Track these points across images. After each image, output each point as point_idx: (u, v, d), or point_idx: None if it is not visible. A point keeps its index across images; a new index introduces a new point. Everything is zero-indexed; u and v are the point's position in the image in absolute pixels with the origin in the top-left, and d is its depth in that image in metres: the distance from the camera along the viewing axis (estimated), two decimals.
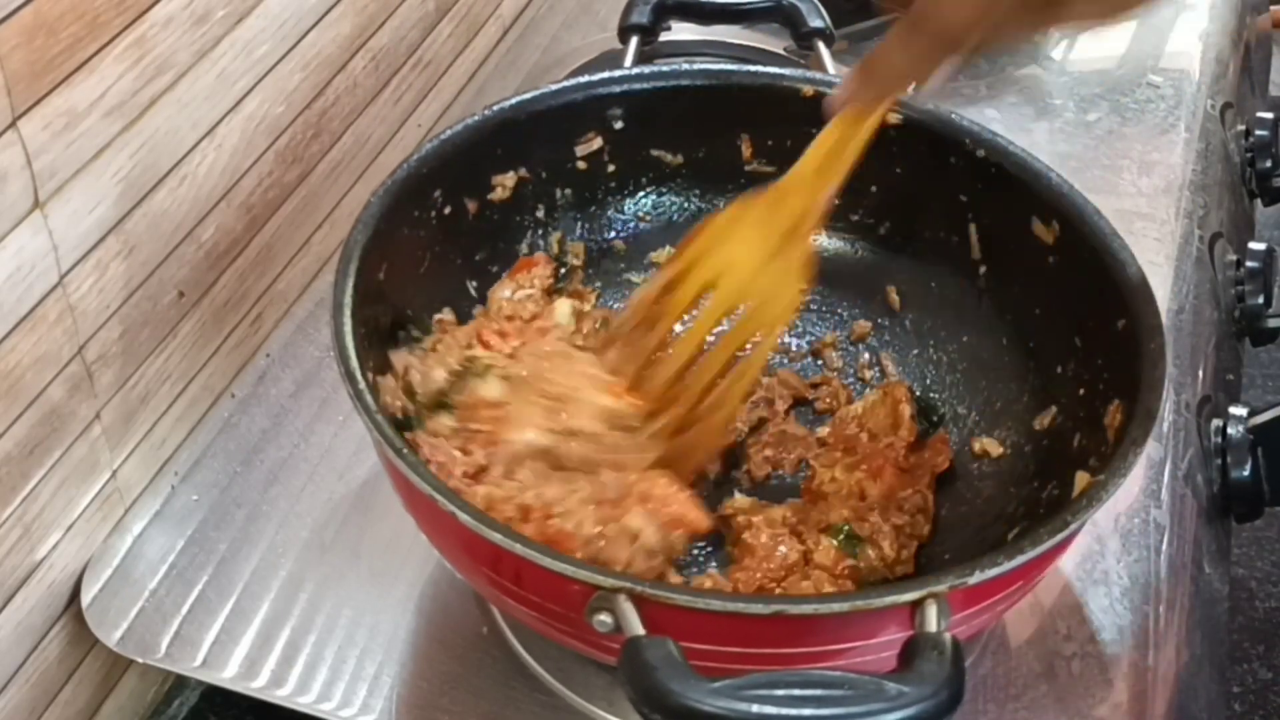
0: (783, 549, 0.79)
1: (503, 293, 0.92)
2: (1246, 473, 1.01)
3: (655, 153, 0.96)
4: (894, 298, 0.94)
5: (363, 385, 0.72)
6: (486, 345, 0.87)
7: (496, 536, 0.66)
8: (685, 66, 0.97)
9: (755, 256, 0.81)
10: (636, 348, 0.84)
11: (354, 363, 0.74)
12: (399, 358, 0.84)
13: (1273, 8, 1.65)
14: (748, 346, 0.83)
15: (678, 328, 0.84)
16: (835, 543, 0.79)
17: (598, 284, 0.96)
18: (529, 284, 0.93)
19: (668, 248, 0.97)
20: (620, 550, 0.76)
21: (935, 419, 0.90)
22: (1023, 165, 0.87)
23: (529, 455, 0.80)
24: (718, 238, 0.83)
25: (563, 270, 0.95)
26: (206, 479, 0.91)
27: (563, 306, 0.93)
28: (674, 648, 0.61)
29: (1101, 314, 0.80)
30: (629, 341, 0.84)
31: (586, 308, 0.94)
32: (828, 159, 0.79)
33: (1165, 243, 1.09)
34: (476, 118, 0.89)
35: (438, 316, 0.89)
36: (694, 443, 0.83)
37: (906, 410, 0.88)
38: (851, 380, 0.94)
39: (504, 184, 0.91)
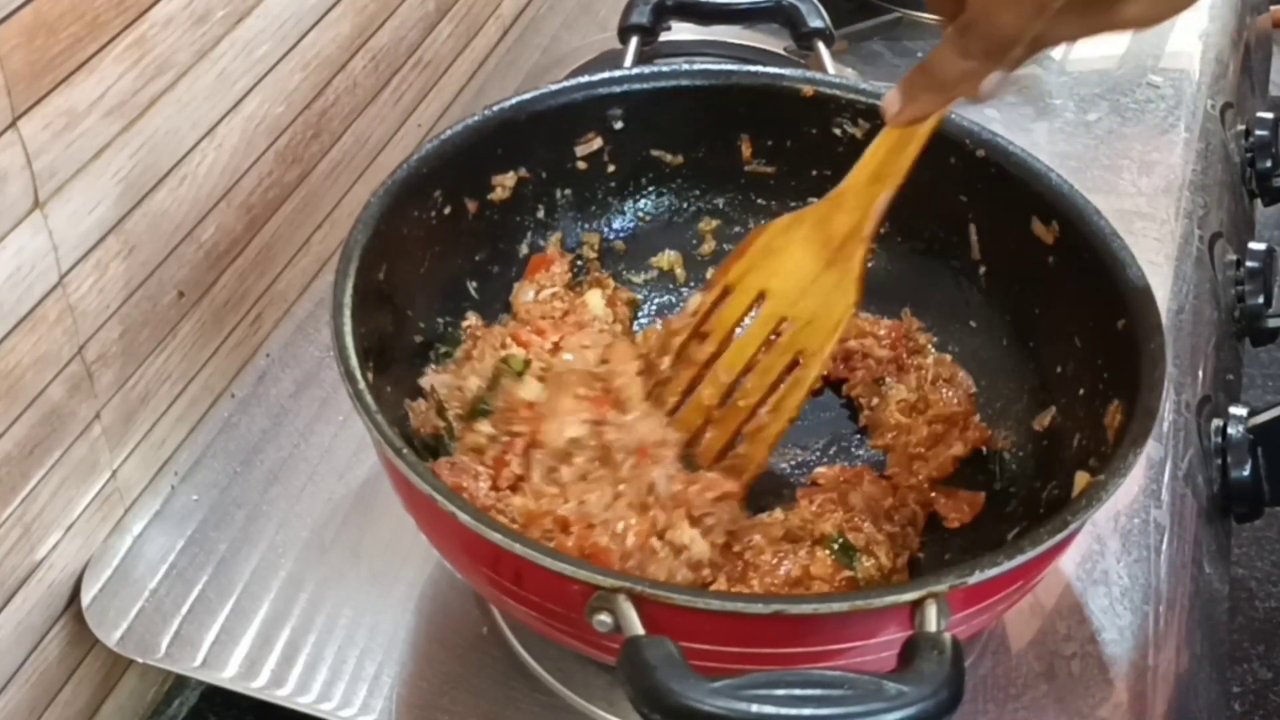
0: (786, 565, 0.78)
1: (526, 296, 0.92)
2: (1246, 473, 1.01)
3: (655, 153, 0.96)
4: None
5: (363, 385, 0.72)
6: (525, 346, 0.88)
7: (496, 536, 0.66)
8: (685, 66, 0.97)
9: (805, 270, 0.81)
10: (686, 362, 0.84)
11: (354, 362, 0.74)
12: (428, 378, 0.85)
13: (1273, 8, 1.65)
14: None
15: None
16: (830, 554, 0.79)
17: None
18: (549, 282, 0.93)
19: (668, 250, 0.97)
20: (661, 566, 0.76)
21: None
22: (1023, 165, 0.87)
23: (570, 451, 0.80)
24: (768, 250, 0.82)
25: (580, 262, 0.95)
26: (206, 479, 0.91)
27: (594, 298, 0.93)
28: (673, 647, 0.61)
29: (1101, 314, 0.80)
30: (679, 356, 0.84)
31: (610, 292, 0.94)
32: (880, 168, 0.79)
33: (1165, 243, 1.09)
34: (476, 118, 0.89)
35: (465, 324, 0.89)
36: (737, 466, 0.83)
37: (958, 450, 0.87)
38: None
39: (504, 184, 0.91)
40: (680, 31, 1.18)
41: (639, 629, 0.62)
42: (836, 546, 0.79)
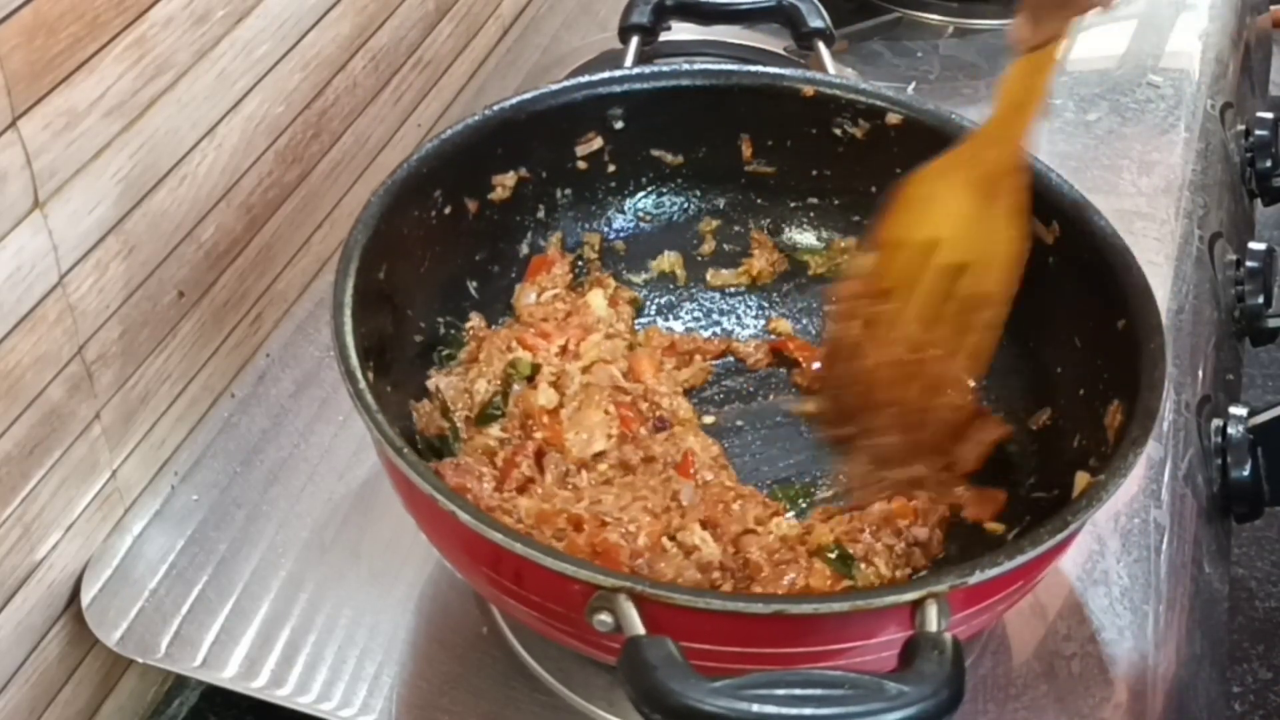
0: (790, 575, 0.78)
1: (527, 298, 0.92)
2: (1246, 473, 1.01)
3: (655, 153, 0.96)
4: None
5: (363, 385, 0.72)
6: (531, 349, 0.88)
7: (497, 536, 0.66)
8: (685, 66, 0.97)
9: (969, 211, 0.80)
10: (873, 323, 0.82)
11: (354, 362, 0.74)
12: (434, 380, 0.85)
13: (1273, 8, 1.65)
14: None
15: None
16: (828, 565, 0.79)
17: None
18: (550, 284, 0.93)
19: (668, 251, 0.97)
20: (671, 565, 0.76)
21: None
22: None
23: (594, 462, 0.80)
24: (927, 198, 0.81)
25: (580, 263, 0.96)
26: (206, 479, 0.91)
27: (596, 298, 0.93)
28: (674, 647, 0.61)
29: (1101, 314, 0.80)
30: (865, 320, 0.83)
31: (611, 292, 0.94)
32: (1021, 97, 0.78)
33: (1165, 243, 1.09)
34: (476, 118, 0.89)
35: (468, 325, 0.89)
36: (935, 417, 0.82)
37: (983, 447, 0.85)
38: None
39: (504, 184, 0.91)
40: (680, 31, 1.18)
41: (639, 629, 0.62)
42: (834, 556, 0.79)
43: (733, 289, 0.98)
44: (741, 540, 0.79)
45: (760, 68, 0.97)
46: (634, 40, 1.07)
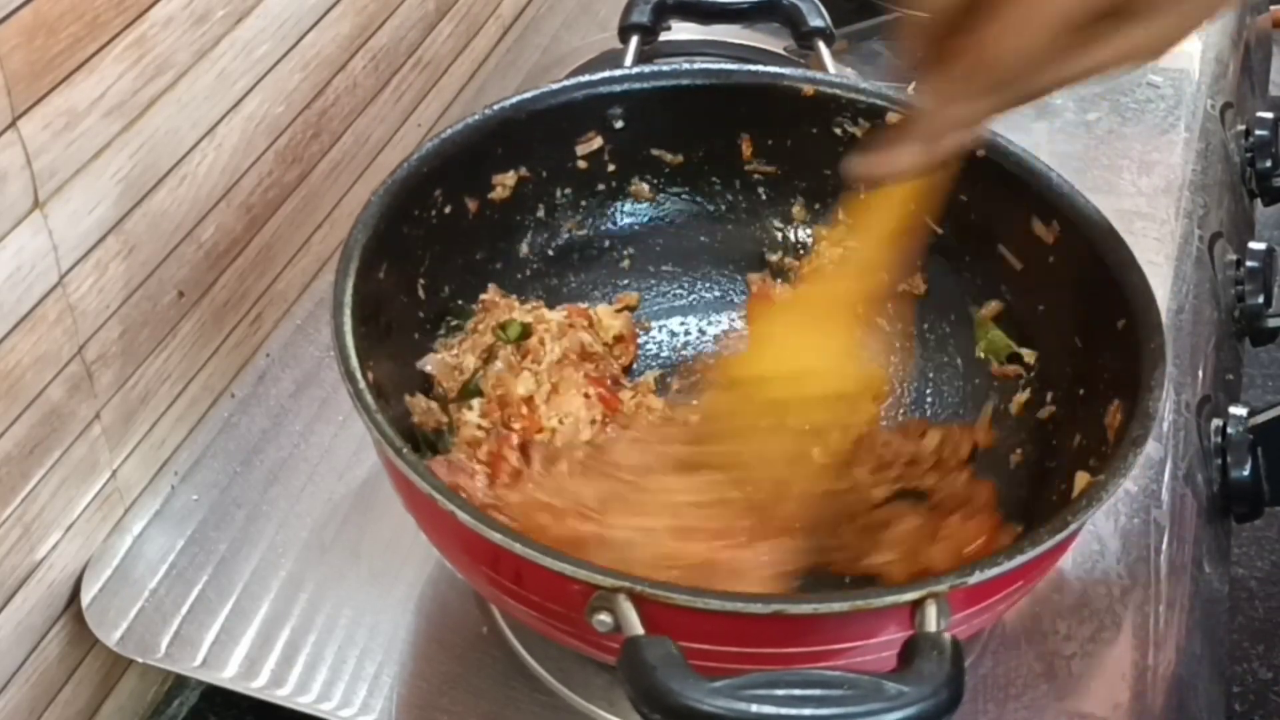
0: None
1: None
2: (1246, 473, 1.01)
3: (655, 152, 0.96)
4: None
5: (363, 385, 0.72)
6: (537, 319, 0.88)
7: (496, 536, 0.66)
8: (685, 66, 0.97)
9: (835, 349, 0.75)
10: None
11: (354, 362, 0.74)
12: (424, 360, 0.85)
13: (1273, 8, 1.65)
14: None
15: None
16: None
17: (597, 283, 0.96)
18: None
19: (672, 265, 0.97)
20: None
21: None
22: (1023, 165, 0.87)
23: (574, 450, 0.80)
24: (777, 349, 0.77)
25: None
26: (206, 479, 0.91)
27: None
28: (673, 647, 0.61)
29: (1101, 314, 0.80)
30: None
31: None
32: (881, 237, 0.71)
33: (1165, 243, 1.09)
34: (476, 117, 0.89)
35: (482, 296, 0.89)
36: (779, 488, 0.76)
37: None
38: None
39: (504, 183, 0.91)
40: (680, 31, 1.18)
41: (639, 629, 0.62)
42: None
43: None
44: None
45: (760, 67, 0.97)
46: (634, 40, 1.07)
